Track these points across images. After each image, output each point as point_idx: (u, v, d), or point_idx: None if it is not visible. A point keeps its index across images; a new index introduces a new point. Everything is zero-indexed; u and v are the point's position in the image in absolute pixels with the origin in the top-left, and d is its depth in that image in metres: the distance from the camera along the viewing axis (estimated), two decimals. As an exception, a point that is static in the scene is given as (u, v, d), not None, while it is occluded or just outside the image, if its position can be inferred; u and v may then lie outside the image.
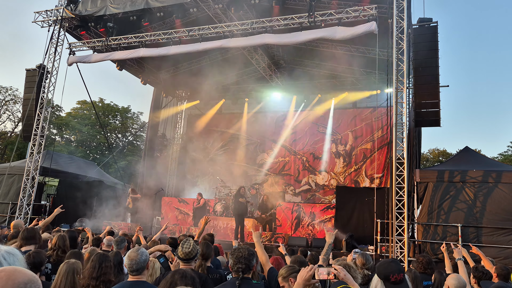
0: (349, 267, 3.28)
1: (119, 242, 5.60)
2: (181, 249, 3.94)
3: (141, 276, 3.23)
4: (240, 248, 3.28)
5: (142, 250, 3.34)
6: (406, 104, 11.01)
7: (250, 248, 3.31)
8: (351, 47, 15.51)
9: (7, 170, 14.70)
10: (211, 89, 20.00)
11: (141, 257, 3.26)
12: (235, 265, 3.18)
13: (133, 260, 3.22)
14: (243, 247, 3.30)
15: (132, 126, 38.66)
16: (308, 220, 14.79)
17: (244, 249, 3.26)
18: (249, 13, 13.33)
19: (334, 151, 18.07)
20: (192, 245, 3.96)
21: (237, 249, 3.28)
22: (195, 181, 20.21)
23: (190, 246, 3.94)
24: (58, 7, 14.38)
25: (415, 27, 11.14)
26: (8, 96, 32.99)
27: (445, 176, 10.76)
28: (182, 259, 3.95)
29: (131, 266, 3.20)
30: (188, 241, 4.00)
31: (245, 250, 3.25)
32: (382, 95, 16.35)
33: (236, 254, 3.22)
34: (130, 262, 3.21)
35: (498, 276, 4.69)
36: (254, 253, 3.33)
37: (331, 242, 4.29)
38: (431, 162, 39.89)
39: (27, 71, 14.90)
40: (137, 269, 3.21)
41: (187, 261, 3.95)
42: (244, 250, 3.25)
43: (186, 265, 3.94)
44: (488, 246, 9.88)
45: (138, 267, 3.21)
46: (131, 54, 14.06)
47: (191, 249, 3.93)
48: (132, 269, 3.20)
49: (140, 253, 3.29)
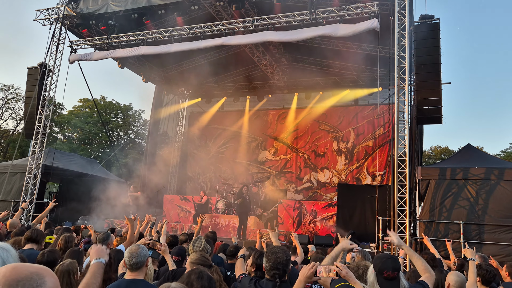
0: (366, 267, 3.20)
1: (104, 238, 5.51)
2: (193, 247, 3.93)
3: (139, 273, 3.11)
4: (278, 252, 3.06)
5: (142, 246, 3.27)
6: (408, 102, 10.98)
7: (287, 252, 3.14)
8: (353, 44, 15.46)
9: (10, 168, 14.74)
10: (212, 87, 20.02)
11: (141, 251, 3.17)
12: (271, 270, 3.01)
13: (133, 252, 3.12)
14: (281, 250, 3.08)
15: (133, 124, 38.72)
16: (310, 217, 14.80)
17: (281, 253, 3.05)
18: (250, 10, 13.31)
19: (336, 149, 18.07)
20: (204, 243, 3.95)
21: (274, 253, 3.06)
22: (196, 179, 20.25)
23: (202, 244, 3.94)
24: (60, 5, 14.38)
25: (416, 24, 11.11)
26: (10, 94, 33.09)
27: (447, 174, 10.76)
28: None
29: (131, 259, 3.09)
30: (200, 239, 3.99)
31: (283, 254, 3.06)
32: (383, 92, 16.34)
33: (274, 258, 3.02)
34: (130, 255, 3.10)
35: (510, 274, 4.69)
36: (290, 257, 3.17)
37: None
38: (433, 160, 39.84)
39: (29, 69, 14.93)
40: (137, 263, 3.09)
41: None
42: (281, 254, 3.05)
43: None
44: (490, 244, 9.89)
45: (138, 261, 3.10)
46: (133, 52, 14.06)
47: (202, 247, 3.93)
48: (132, 262, 3.08)
49: (141, 248, 3.21)
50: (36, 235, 4.73)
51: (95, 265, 2.79)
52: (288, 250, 3.25)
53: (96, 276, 2.72)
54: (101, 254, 2.89)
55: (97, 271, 2.76)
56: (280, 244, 3.99)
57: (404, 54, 10.67)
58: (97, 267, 2.79)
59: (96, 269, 2.77)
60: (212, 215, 15.15)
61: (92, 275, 2.71)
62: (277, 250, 3.10)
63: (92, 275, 2.70)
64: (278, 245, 4.03)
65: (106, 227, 13.22)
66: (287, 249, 3.22)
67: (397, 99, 10.67)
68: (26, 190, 13.90)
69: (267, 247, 3.41)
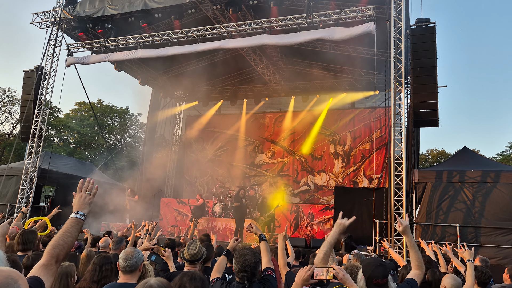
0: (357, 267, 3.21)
1: (117, 242, 5.56)
2: (187, 250, 3.88)
3: (131, 277, 3.06)
4: (246, 254, 3.07)
5: (138, 250, 3.24)
6: (405, 105, 11.03)
7: (256, 254, 3.14)
8: (349, 47, 15.51)
9: (5, 172, 14.66)
10: (209, 90, 20.02)
11: (137, 254, 3.13)
12: (240, 272, 3.04)
13: (128, 255, 3.08)
14: (249, 252, 3.10)
15: (130, 127, 38.63)
16: (307, 220, 14.78)
17: (250, 255, 3.06)
18: (247, 14, 13.34)
19: (333, 152, 18.08)
20: (199, 246, 3.91)
21: (243, 255, 3.07)
22: (193, 182, 20.21)
23: (196, 247, 3.89)
24: (56, 8, 14.37)
25: (413, 28, 11.16)
26: (6, 98, 32.94)
27: (444, 176, 10.78)
28: (187, 260, 3.90)
29: (125, 260, 3.05)
30: (195, 242, 3.95)
31: (252, 257, 3.06)
32: (380, 95, 16.38)
33: (242, 261, 3.04)
34: (125, 256, 3.07)
35: (510, 277, 4.68)
36: (260, 259, 3.17)
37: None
38: (429, 163, 39.93)
39: (25, 72, 14.88)
40: (131, 265, 3.05)
41: (192, 262, 3.91)
42: (250, 257, 3.05)
43: (191, 267, 3.90)
44: (487, 246, 9.91)
45: (132, 263, 3.06)
46: (129, 55, 14.05)
47: (197, 251, 3.89)
48: (126, 264, 3.04)
49: (137, 251, 3.18)
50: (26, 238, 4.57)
51: (72, 220, 2.19)
52: (258, 253, 3.23)
53: (71, 231, 2.13)
54: (82, 207, 2.28)
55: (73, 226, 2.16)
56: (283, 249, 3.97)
57: (401, 57, 10.71)
58: (75, 222, 2.18)
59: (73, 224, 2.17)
60: (209, 218, 15.12)
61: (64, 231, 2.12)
62: (246, 252, 3.10)
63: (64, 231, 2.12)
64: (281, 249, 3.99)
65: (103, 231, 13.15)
66: (257, 252, 3.20)
67: (393, 102, 10.71)
68: (22, 193, 13.83)
69: (236, 250, 3.39)
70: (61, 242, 2.06)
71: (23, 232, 4.74)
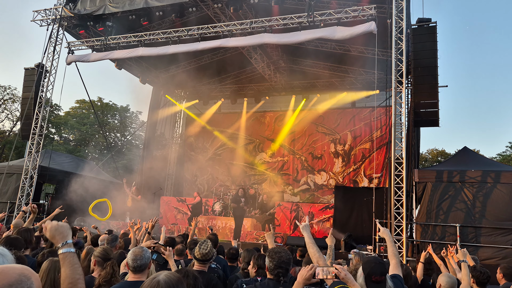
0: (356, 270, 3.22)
1: (112, 240, 5.56)
2: (199, 249, 3.93)
3: (141, 275, 3.14)
4: (281, 251, 3.15)
5: (145, 248, 3.30)
6: (405, 104, 11.03)
7: (288, 252, 3.23)
8: (350, 47, 15.51)
9: (6, 169, 14.67)
10: (210, 89, 20.02)
11: (145, 254, 3.20)
12: (275, 269, 3.08)
13: (137, 255, 3.14)
14: (283, 250, 3.18)
15: (131, 125, 38.62)
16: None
17: (284, 253, 3.14)
18: (248, 12, 13.33)
19: (333, 151, 18.09)
20: (210, 246, 3.96)
21: (277, 252, 3.15)
22: (193, 181, 20.22)
23: (208, 247, 3.94)
24: (57, 6, 14.35)
25: (414, 27, 11.16)
26: (7, 95, 32.92)
27: (444, 176, 10.79)
28: (198, 259, 3.94)
29: (135, 261, 3.11)
30: (206, 242, 3.98)
31: (286, 254, 3.14)
32: (381, 95, 16.37)
33: (277, 257, 3.10)
34: (134, 257, 3.13)
35: (504, 276, 4.67)
36: (291, 257, 3.25)
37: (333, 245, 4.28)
38: (429, 162, 39.95)
39: (25, 70, 14.88)
40: (141, 265, 3.13)
41: (203, 262, 3.95)
42: (284, 253, 3.14)
43: (201, 266, 3.94)
44: (487, 246, 9.92)
45: (142, 263, 3.14)
46: (130, 53, 14.04)
47: (208, 251, 3.93)
48: (136, 264, 3.11)
49: (144, 250, 3.24)
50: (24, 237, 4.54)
51: (69, 256, 1.99)
52: (289, 251, 3.32)
53: (76, 268, 1.97)
54: (65, 236, 2.04)
55: (75, 263, 1.99)
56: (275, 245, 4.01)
57: (402, 57, 10.71)
58: (72, 257, 2.00)
59: (72, 261, 1.98)
60: (209, 217, 15.13)
61: (71, 270, 1.95)
62: (280, 250, 3.19)
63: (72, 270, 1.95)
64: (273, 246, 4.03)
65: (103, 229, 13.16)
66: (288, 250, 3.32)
67: (394, 101, 10.71)
68: (22, 191, 13.84)
69: (268, 248, 3.47)
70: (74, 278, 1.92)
71: (18, 230, 4.72)
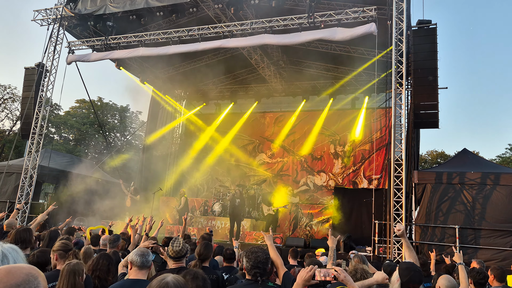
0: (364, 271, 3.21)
1: (114, 240, 5.57)
2: (172, 248, 4.03)
3: (145, 273, 3.26)
4: (258, 251, 3.17)
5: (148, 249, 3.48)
6: (405, 106, 11.04)
7: (266, 251, 3.26)
8: (350, 48, 15.52)
9: (5, 169, 14.66)
10: (210, 89, 20.02)
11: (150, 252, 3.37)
12: (252, 269, 3.09)
13: (144, 251, 3.29)
14: (260, 250, 3.21)
15: (130, 125, 38.61)
16: (306, 220, 14.80)
17: (261, 252, 3.17)
18: (248, 13, 13.34)
19: (333, 152, 18.09)
20: (182, 243, 4.06)
21: (254, 252, 3.17)
22: (193, 181, 20.19)
23: (180, 244, 4.03)
24: (58, 6, 14.36)
25: (414, 29, 11.18)
26: (7, 94, 32.92)
27: (443, 178, 10.80)
28: (172, 257, 4.02)
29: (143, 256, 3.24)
30: (178, 239, 4.08)
31: (262, 253, 3.17)
32: (381, 96, 16.38)
33: (254, 257, 3.12)
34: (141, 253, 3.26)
35: (495, 277, 4.68)
36: (269, 256, 3.26)
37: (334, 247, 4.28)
38: (429, 164, 39.94)
39: (26, 70, 14.89)
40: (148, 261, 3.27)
41: (178, 259, 4.03)
42: (261, 253, 3.16)
43: (178, 263, 4.03)
44: (486, 248, 9.93)
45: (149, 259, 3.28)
46: (130, 53, 14.05)
47: (181, 248, 4.02)
48: (144, 259, 3.25)
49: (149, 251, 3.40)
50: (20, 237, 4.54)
51: None
52: (267, 250, 3.33)
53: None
54: None
55: None
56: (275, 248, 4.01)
57: (402, 58, 10.72)
58: None
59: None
60: (209, 217, 15.14)
61: None
62: (257, 249, 3.20)
63: None
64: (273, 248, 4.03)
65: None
66: (266, 249, 3.32)
67: (394, 103, 10.72)
68: (21, 190, 13.84)
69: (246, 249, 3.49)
70: None
71: (17, 230, 4.69)
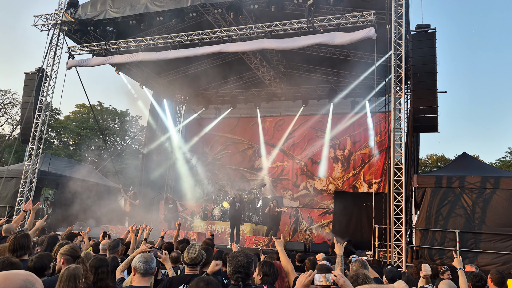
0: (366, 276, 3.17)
1: (114, 246, 5.55)
2: (187, 254, 3.94)
3: (148, 280, 3.23)
4: (238, 256, 3.10)
5: (152, 255, 3.39)
6: (404, 110, 11.05)
7: (248, 254, 3.18)
8: (350, 52, 15.56)
9: (5, 173, 14.65)
10: (209, 94, 20.05)
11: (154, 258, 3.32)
12: (234, 274, 3.03)
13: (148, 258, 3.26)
14: (241, 254, 3.14)
15: (130, 129, 38.62)
16: (306, 225, 14.78)
17: (242, 256, 3.10)
18: (248, 18, 13.39)
19: (333, 156, 18.08)
20: (198, 250, 3.97)
21: (235, 257, 3.10)
22: (193, 185, 20.17)
23: (196, 251, 3.95)
24: (58, 11, 14.41)
25: (413, 33, 11.21)
26: (7, 99, 32.97)
27: (443, 182, 10.79)
28: (188, 264, 3.95)
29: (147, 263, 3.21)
30: (194, 246, 4.00)
31: (244, 257, 3.09)
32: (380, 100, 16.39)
33: (235, 262, 3.05)
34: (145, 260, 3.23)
35: (493, 281, 4.67)
36: (253, 260, 3.17)
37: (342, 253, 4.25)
38: (429, 168, 39.92)
39: (26, 75, 14.91)
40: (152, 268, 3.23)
41: (192, 266, 3.96)
42: (242, 257, 3.09)
43: (192, 270, 3.95)
44: (486, 252, 9.90)
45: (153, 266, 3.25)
46: (130, 58, 14.09)
47: (196, 255, 3.94)
48: (148, 266, 3.21)
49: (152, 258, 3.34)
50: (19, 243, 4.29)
51: None
52: (250, 254, 3.26)
53: None
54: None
55: None
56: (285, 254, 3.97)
57: (401, 62, 10.74)
58: None
59: None
60: (209, 222, 15.12)
61: None
62: (238, 254, 3.15)
63: None
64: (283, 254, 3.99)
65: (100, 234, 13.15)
66: (249, 253, 3.25)
67: (393, 107, 10.73)
68: (21, 195, 13.82)
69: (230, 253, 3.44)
70: None
71: (16, 236, 4.43)
